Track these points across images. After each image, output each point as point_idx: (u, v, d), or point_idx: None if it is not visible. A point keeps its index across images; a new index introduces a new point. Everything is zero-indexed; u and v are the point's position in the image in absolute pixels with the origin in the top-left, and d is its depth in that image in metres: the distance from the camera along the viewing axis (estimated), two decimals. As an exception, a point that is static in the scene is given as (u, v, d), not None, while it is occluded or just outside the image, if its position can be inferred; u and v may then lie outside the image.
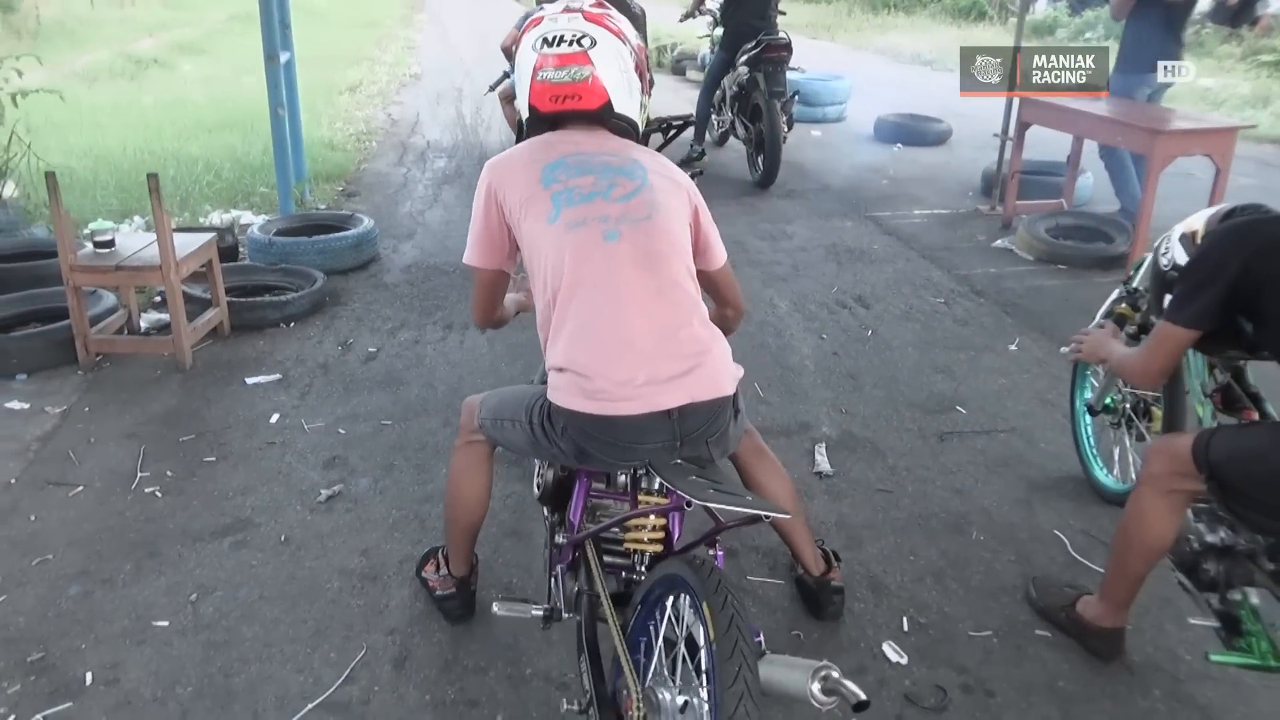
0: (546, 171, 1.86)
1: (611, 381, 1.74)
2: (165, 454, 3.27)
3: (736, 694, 1.45)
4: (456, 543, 2.34)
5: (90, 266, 3.79)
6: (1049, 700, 2.21)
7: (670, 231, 1.86)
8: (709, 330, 1.85)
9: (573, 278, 1.79)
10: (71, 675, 2.28)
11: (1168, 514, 2.09)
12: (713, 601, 1.55)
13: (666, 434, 1.77)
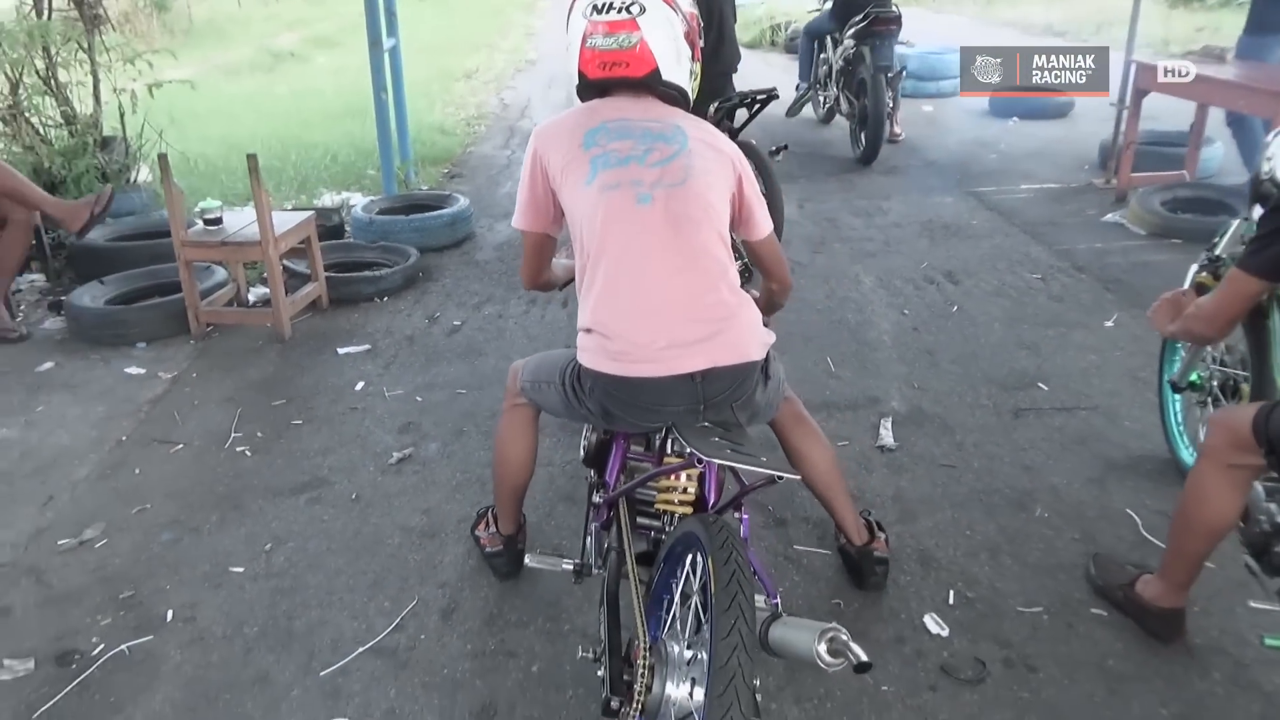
0: (588, 136, 1.88)
1: (633, 344, 1.78)
2: (258, 417, 3.48)
3: (730, 645, 1.47)
4: (504, 502, 2.42)
5: (198, 242, 4.06)
6: (1095, 678, 2.13)
7: (704, 197, 1.85)
8: (737, 296, 1.86)
9: (602, 239, 1.82)
10: (155, 612, 2.47)
11: (1228, 490, 1.99)
12: (716, 557, 1.57)
13: (689, 397, 1.80)
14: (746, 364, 1.83)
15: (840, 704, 2.09)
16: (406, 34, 15.04)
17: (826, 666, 1.45)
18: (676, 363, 1.77)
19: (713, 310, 1.81)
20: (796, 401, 2.33)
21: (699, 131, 1.94)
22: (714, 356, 1.78)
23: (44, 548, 2.76)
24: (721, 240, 1.88)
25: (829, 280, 4.58)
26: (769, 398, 2.01)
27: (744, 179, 1.95)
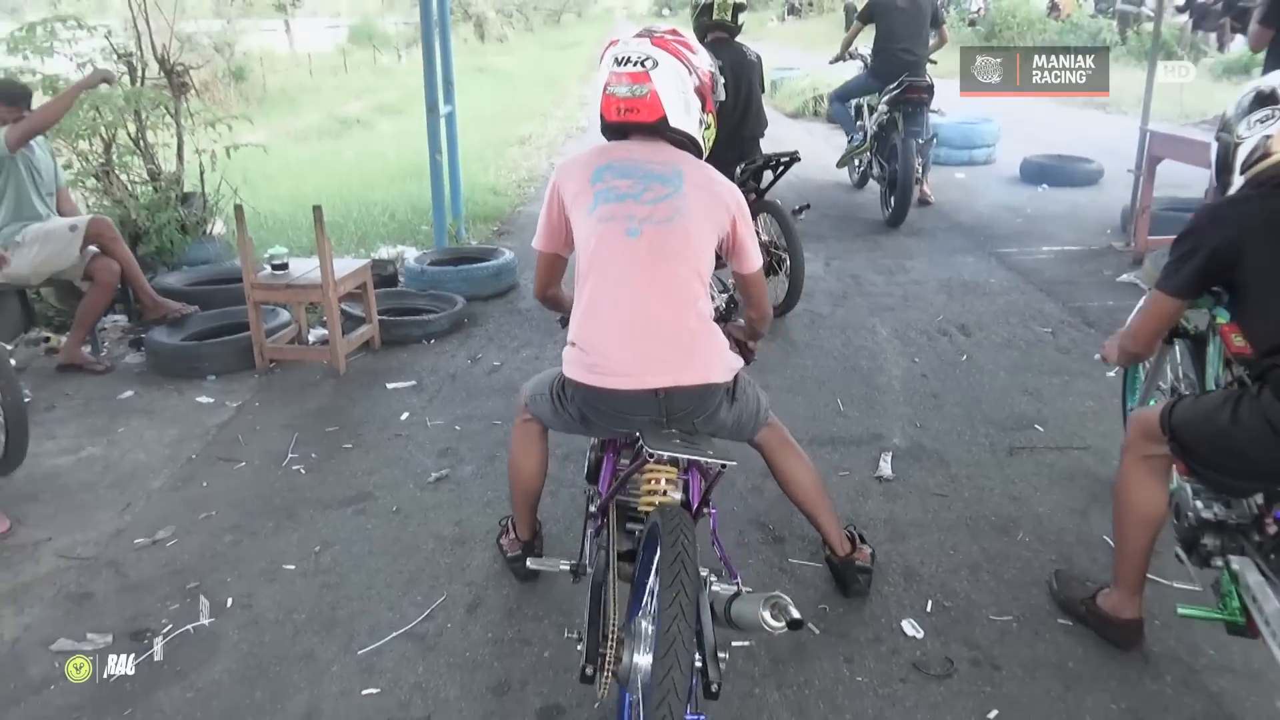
0: (597, 172, 2.19)
1: (607, 358, 2.07)
2: (312, 441, 3.83)
3: (671, 615, 1.70)
4: (519, 510, 2.71)
5: (266, 285, 4.48)
6: (1054, 677, 2.34)
7: (687, 236, 2.12)
8: (704, 325, 2.12)
9: (591, 264, 2.13)
10: (217, 600, 2.79)
11: (1148, 477, 2.27)
12: (665, 540, 1.83)
13: (654, 409, 2.08)
14: (708, 385, 2.09)
15: (818, 690, 2.32)
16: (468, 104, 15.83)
17: (771, 630, 1.70)
18: (643, 379, 2.05)
19: (680, 335, 2.08)
20: (780, 428, 2.56)
21: (698, 176, 2.20)
22: (677, 376, 2.06)
23: (122, 545, 3.11)
24: (697, 275, 2.14)
25: (846, 330, 4.85)
26: (737, 417, 2.26)
27: (738, 220, 2.21)
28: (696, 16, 5.20)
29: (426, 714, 2.30)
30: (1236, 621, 2.12)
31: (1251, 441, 1.97)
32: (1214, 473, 2.10)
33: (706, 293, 2.18)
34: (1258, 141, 2.16)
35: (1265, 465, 1.98)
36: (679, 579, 1.73)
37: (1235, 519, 2.15)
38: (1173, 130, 5.63)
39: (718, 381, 2.13)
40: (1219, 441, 2.04)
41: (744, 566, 2.85)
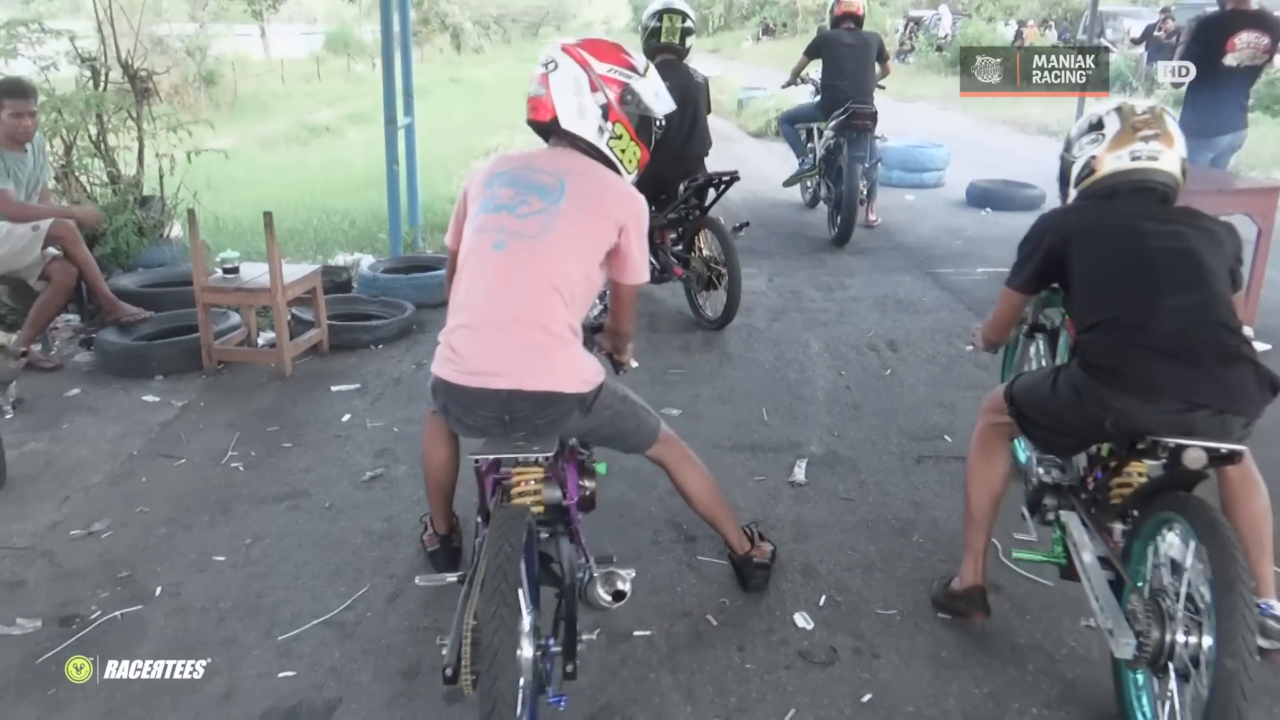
0: (490, 179, 2.35)
1: (462, 358, 2.23)
2: (253, 440, 3.95)
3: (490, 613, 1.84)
4: (434, 503, 2.85)
5: (216, 288, 4.60)
6: (927, 665, 2.52)
7: (553, 252, 2.24)
8: (556, 339, 2.24)
9: (462, 270, 2.30)
10: (146, 588, 2.91)
11: (993, 443, 2.66)
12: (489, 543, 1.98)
13: (497, 409, 2.23)
14: (551, 393, 2.23)
15: (708, 676, 2.48)
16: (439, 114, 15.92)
17: (606, 605, 1.88)
18: (489, 380, 2.20)
19: (528, 345, 2.21)
20: (676, 444, 2.71)
21: (585, 188, 2.31)
22: (520, 382, 2.20)
23: (58, 536, 3.21)
24: (554, 290, 2.24)
25: (780, 344, 5.04)
26: (596, 428, 2.40)
27: (629, 230, 2.33)
28: (645, 39, 5.40)
29: (339, 695, 2.44)
30: (1060, 563, 2.56)
31: (1064, 406, 2.32)
32: (1042, 433, 2.46)
33: (569, 305, 2.26)
34: (1086, 160, 2.50)
35: (1077, 425, 2.33)
36: (501, 569, 1.87)
37: (1067, 481, 2.56)
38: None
39: (564, 391, 2.24)
40: (1045, 405, 2.39)
41: (655, 563, 3.01)
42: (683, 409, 4.19)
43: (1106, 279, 2.33)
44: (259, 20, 30.54)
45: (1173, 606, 2.06)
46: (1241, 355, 2.18)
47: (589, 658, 2.54)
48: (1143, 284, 2.27)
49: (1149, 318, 2.21)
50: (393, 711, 2.38)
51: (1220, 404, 2.11)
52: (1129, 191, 2.42)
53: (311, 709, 2.39)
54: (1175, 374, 2.13)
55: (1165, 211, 2.40)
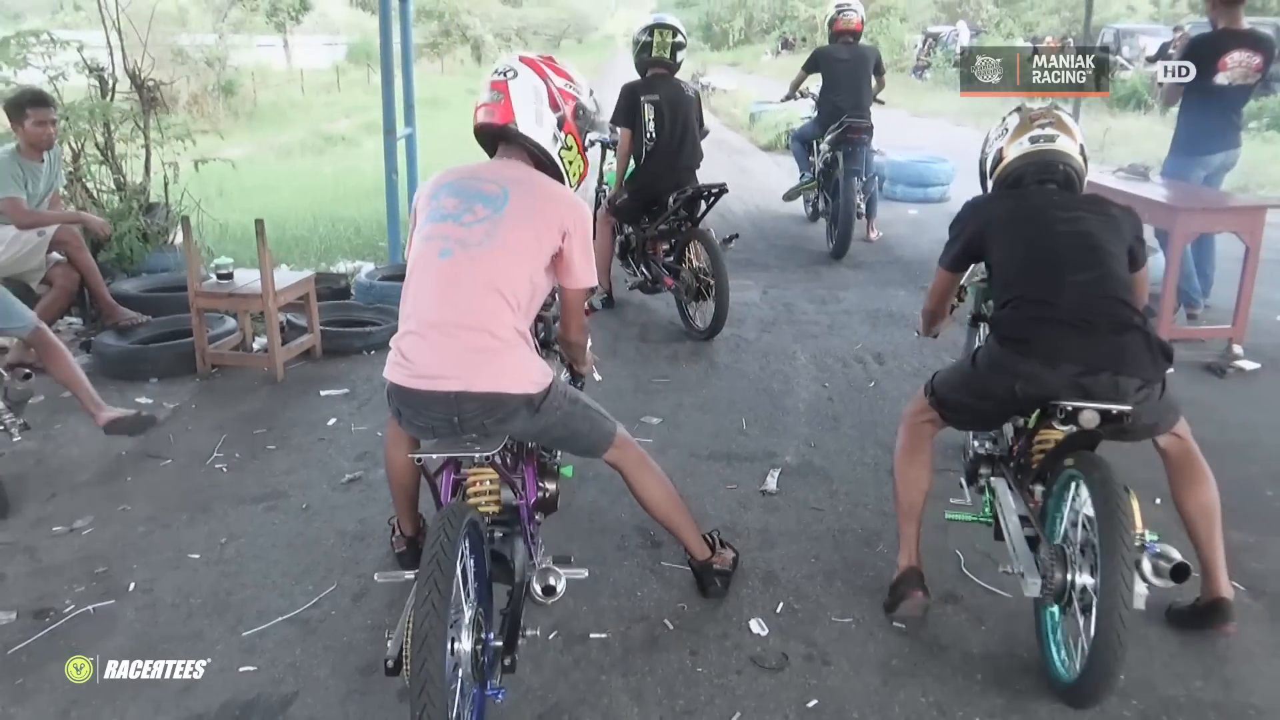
0: (437, 190, 2.41)
1: (411, 362, 2.29)
2: (239, 442, 4.03)
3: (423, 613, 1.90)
4: (399, 505, 2.90)
5: (209, 293, 4.69)
6: (876, 673, 2.54)
7: (497, 258, 2.30)
8: (501, 342, 2.29)
9: (410, 277, 2.36)
10: (120, 584, 2.98)
11: (917, 443, 2.85)
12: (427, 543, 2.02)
13: (446, 410, 2.29)
14: (498, 394, 2.28)
15: (659, 679, 2.51)
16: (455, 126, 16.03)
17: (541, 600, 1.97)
18: (437, 383, 2.27)
19: (474, 348, 2.26)
20: (633, 449, 2.74)
21: (528, 196, 2.36)
22: (466, 383, 2.26)
23: (40, 533, 3.29)
24: (499, 294, 2.29)
25: (767, 355, 5.07)
26: (546, 429, 2.44)
27: (571, 234, 2.38)
28: (637, 53, 5.47)
29: (296, 690, 2.49)
30: (987, 521, 2.87)
31: (982, 378, 2.60)
32: (962, 414, 2.78)
33: (514, 309, 2.32)
34: (995, 152, 2.90)
35: (994, 394, 2.58)
36: (431, 578, 1.93)
37: (998, 451, 2.91)
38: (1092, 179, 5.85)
39: (510, 392, 2.30)
40: (970, 383, 2.67)
41: (619, 568, 3.05)
42: (663, 418, 4.23)
43: (1017, 261, 2.63)
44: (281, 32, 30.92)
45: (1075, 553, 2.37)
46: (1134, 325, 2.45)
47: (543, 658, 2.59)
48: (1048, 265, 2.54)
49: (1053, 294, 2.48)
50: (347, 706, 2.43)
51: (1115, 367, 2.38)
52: (1034, 175, 2.76)
53: (268, 703, 2.44)
54: (1074, 341, 2.41)
55: (1071, 199, 2.72)
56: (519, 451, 2.67)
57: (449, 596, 1.95)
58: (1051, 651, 2.48)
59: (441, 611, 1.91)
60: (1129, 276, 2.57)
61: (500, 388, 2.30)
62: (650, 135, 5.25)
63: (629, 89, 5.33)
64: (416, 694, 1.87)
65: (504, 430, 2.38)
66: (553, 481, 2.72)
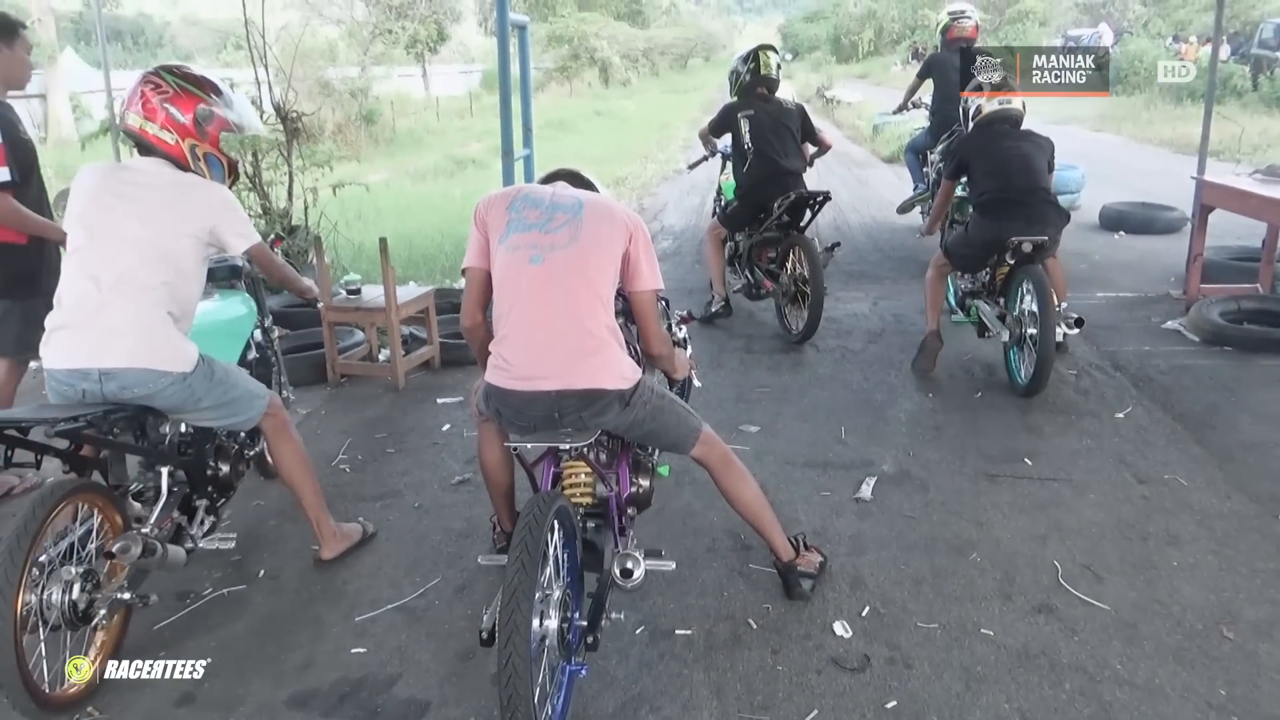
0: (513, 204, 2.56)
1: (513, 365, 2.44)
2: (362, 445, 4.31)
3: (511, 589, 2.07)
4: (496, 503, 3.06)
5: (339, 307, 5.03)
6: (958, 678, 2.53)
7: (585, 259, 2.45)
8: (596, 339, 2.44)
9: (503, 287, 2.49)
10: (251, 570, 3.25)
11: (940, 276, 5.00)
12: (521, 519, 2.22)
13: (547, 408, 2.44)
14: (594, 390, 2.42)
15: (739, 675, 2.58)
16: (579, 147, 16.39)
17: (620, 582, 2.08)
18: (538, 383, 2.42)
19: (571, 348, 2.42)
20: (718, 446, 2.82)
21: (597, 206, 2.54)
22: (566, 381, 2.41)
23: (185, 523, 3.61)
24: (594, 294, 2.45)
25: (872, 366, 5.05)
26: (635, 421, 2.54)
27: (635, 240, 2.51)
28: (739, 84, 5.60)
29: (400, 671, 2.67)
30: (974, 323, 4.98)
31: (974, 236, 4.66)
32: (963, 260, 4.85)
33: (605, 306, 2.48)
34: (975, 108, 4.91)
35: (979, 244, 4.63)
36: (519, 558, 2.09)
37: (977, 286, 4.96)
38: (1223, 180, 5.61)
39: (605, 388, 2.44)
40: (967, 240, 4.76)
41: (708, 569, 3.13)
42: (762, 426, 4.29)
43: (988, 172, 4.62)
44: (420, 62, 32.33)
45: (1025, 318, 4.46)
46: (1049, 201, 4.56)
47: (629, 651, 2.70)
48: (1005, 172, 4.55)
49: (1008, 188, 4.52)
50: (445, 688, 2.59)
51: (1041, 223, 4.45)
52: (999, 120, 4.75)
53: (374, 681, 2.63)
54: (1019, 211, 4.46)
55: (1016, 133, 4.73)
56: (613, 447, 2.80)
57: (536, 572, 2.11)
58: (1014, 372, 4.58)
59: (528, 585, 2.07)
60: (1049, 176, 4.62)
61: (596, 384, 2.45)
62: (748, 146, 5.37)
63: (726, 107, 5.60)
64: (503, 662, 2.02)
65: (598, 424, 2.52)
66: (647, 478, 2.83)
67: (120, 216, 2.71)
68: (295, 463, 3.24)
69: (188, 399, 2.82)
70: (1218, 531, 3.24)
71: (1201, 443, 3.96)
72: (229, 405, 2.96)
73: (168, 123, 2.83)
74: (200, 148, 2.91)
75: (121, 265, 2.68)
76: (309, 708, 2.55)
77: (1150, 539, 3.21)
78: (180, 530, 3.02)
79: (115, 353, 2.67)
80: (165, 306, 2.75)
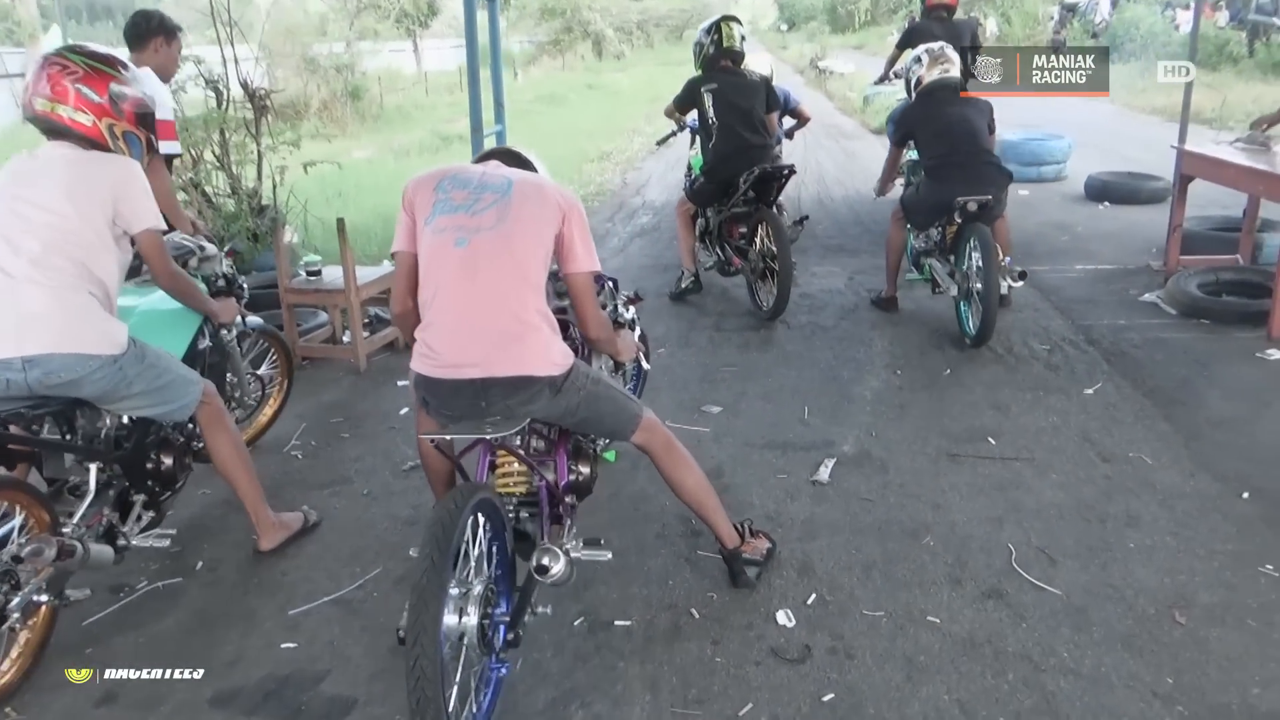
0: (440, 183, 2.45)
1: (436, 352, 2.35)
2: (317, 430, 4.22)
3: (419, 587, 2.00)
4: (436, 490, 2.95)
5: (298, 289, 4.93)
6: (899, 669, 2.46)
7: (512, 242, 2.35)
8: (525, 325, 2.34)
9: (428, 271, 2.39)
10: (189, 563, 3.17)
11: (898, 228, 5.26)
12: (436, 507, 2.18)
13: (472, 397, 2.35)
14: (521, 377, 2.32)
15: (676, 667, 2.51)
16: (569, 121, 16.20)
17: (538, 578, 2.05)
18: (462, 371, 2.32)
19: (497, 335, 2.32)
20: (661, 432, 2.73)
21: (527, 186, 2.43)
22: (491, 369, 2.31)
23: (128, 513, 3.53)
24: (521, 276, 2.35)
25: (842, 342, 4.96)
26: (568, 409, 2.46)
27: (568, 220, 2.42)
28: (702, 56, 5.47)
29: (329, 667, 2.60)
30: (926, 279, 5.16)
31: (924, 197, 4.92)
32: (917, 216, 5.04)
33: (535, 290, 2.37)
34: (915, 79, 5.06)
35: (929, 204, 4.86)
36: (429, 556, 2.03)
37: (930, 244, 5.09)
38: (1204, 150, 5.48)
39: (533, 374, 2.34)
40: (920, 200, 4.98)
41: (655, 555, 3.06)
42: (725, 406, 4.20)
43: (933, 138, 4.90)
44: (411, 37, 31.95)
45: (972, 274, 4.65)
46: (990, 162, 4.83)
47: (566, 643, 2.63)
48: (947, 137, 4.83)
49: (951, 152, 4.79)
50: (373, 685, 2.52)
51: (984, 183, 4.67)
52: (939, 88, 4.95)
53: (302, 678, 2.56)
54: (963, 174, 4.71)
55: (956, 99, 4.93)
56: (551, 434, 2.71)
57: (446, 571, 2.03)
58: (964, 323, 4.77)
59: (436, 585, 1.99)
60: (988, 137, 4.95)
61: (523, 370, 2.35)
62: (713, 121, 5.26)
63: (690, 82, 5.47)
64: (410, 664, 1.95)
65: (527, 412, 2.43)
66: (588, 465, 2.74)
67: (25, 205, 2.61)
68: (231, 453, 3.16)
69: (119, 384, 2.72)
70: (1179, 512, 3.16)
71: (1170, 419, 3.87)
72: (161, 392, 2.87)
73: (81, 103, 2.72)
74: (119, 126, 2.80)
75: (32, 251, 2.58)
76: (231, 706, 2.48)
77: (1109, 520, 3.13)
78: (113, 528, 2.94)
79: (37, 339, 2.57)
80: (84, 287, 2.65)
